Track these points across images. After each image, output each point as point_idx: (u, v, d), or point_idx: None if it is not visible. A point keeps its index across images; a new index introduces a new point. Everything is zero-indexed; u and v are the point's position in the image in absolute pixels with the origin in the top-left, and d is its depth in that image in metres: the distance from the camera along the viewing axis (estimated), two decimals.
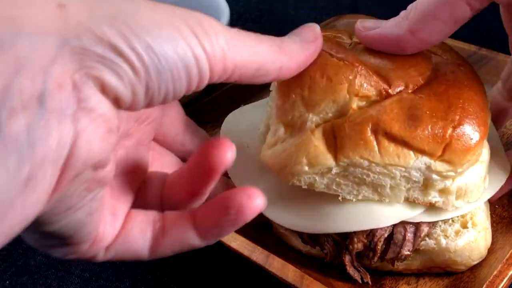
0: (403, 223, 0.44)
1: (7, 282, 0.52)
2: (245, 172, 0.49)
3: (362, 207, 0.44)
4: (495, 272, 0.44)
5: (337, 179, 0.42)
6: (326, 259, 0.46)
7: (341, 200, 0.43)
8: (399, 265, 0.46)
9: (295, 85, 0.42)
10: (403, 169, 0.41)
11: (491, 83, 0.66)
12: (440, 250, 0.45)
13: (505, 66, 0.66)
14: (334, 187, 0.43)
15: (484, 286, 0.44)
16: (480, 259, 0.47)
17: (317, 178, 0.42)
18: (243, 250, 0.47)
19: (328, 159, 0.41)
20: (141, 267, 0.53)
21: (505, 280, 0.44)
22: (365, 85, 0.42)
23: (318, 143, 0.42)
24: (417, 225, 0.45)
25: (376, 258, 0.45)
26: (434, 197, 0.43)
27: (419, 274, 0.47)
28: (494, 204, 0.53)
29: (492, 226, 0.50)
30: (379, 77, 0.42)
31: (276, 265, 0.45)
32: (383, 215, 0.44)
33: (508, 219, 0.51)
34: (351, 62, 0.42)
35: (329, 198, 0.44)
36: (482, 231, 0.46)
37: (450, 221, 0.46)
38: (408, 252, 0.45)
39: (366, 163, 0.41)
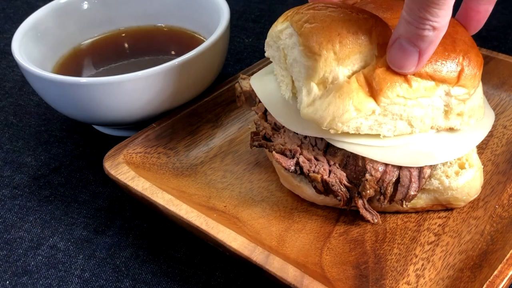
0: (408, 168, 0.50)
1: (7, 282, 0.52)
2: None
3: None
4: (495, 272, 0.44)
5: (378, 119, 0.48)
6: (341, 204, 0.51)
7: (382, 137, 0.50)
8: (407, 205, 0.51)
9: (325, 43, 0.48)
10: (429, 98, 0.48)
11: (491, 83, 0.66)
12: (444, 188, 0.51)
13: (505, 66, 0.67)
14: (376, 127, 0.49)
15: (484, 286, 0.44)
16: (476, 195, 0.53)
17: (362, 121, 0.48)
18: (243, 250, 0.47)
19: (370, 102, 0.48)
20: (141, 267, 0.53)
21: (505, 280, 0.44)
22: (383, 34, 0.48)
23: (358, 91, 0.47)
24: (420, 168, 0.50)
25: (386, 201, 0.50)
26: (453, 120, 0.50)
27: (418, 275, 0.48)
28: (494, 204, 0.53)
29: (492, 226, 0.51)
30: (392, 27, 0.49)
31: (276, 265, 0.45)
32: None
33: (508, 219, 0.51)
34: (369, 16, 0.49)
35: None
36: (478, 171, 0.52)
37: (449, 164, 0.52)
38: (414, 192, 0.50)
39: (402, 100, 0.48)
